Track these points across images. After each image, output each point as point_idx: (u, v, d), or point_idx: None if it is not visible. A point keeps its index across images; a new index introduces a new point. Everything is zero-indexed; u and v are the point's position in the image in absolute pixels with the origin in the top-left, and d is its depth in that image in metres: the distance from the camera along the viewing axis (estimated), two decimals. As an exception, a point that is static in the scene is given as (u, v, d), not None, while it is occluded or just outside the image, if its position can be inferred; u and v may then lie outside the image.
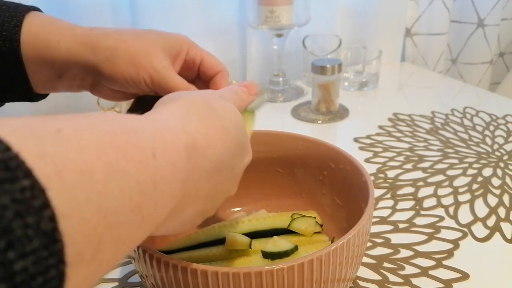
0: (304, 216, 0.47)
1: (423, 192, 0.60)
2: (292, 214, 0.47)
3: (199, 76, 0.45)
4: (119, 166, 0.19)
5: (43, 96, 0.44)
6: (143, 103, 0.42)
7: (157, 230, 0.26)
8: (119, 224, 0.18)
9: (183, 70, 0.43)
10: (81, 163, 0.17)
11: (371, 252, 0.49)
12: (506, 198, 0.58)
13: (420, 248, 0.49)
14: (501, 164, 0.66)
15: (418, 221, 0.54)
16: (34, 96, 0.42)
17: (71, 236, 0.15)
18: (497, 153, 0.69)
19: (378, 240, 0.51)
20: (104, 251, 0.18)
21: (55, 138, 0.17)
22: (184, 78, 0.43)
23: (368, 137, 0.76)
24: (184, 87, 0.40)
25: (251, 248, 0.42)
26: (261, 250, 0.41)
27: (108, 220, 0.17)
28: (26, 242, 0.14)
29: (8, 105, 0.43)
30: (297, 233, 0.45)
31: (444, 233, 0.52)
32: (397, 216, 0.55)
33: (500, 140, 0.73)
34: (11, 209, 0.14)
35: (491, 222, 0.54)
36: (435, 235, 0.51)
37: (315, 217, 0.47)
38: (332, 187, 0.49)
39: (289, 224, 0.45)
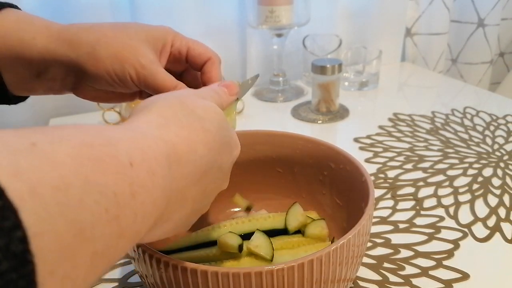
0: (314, 220, 0.46)
1: (423, 192, 0.60)
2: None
3: (189, 68, 0.43)
4: (95, 179, 0.18)
5: (21, 99, 0.42)
6: None
7: (146, 237, 0.25)
8: (95, 238, 0.18)
9: (171, 63, 0.41)
10: (56, 178, 0.17)
11: (371, 252, 0.49)
12: (506, 198, 0.58)
13: (420, 248, 0.49)
14: (502, 164, 0.66)
15: (418, 221, 0.54)
16: (10, 98, 0.40)
17: (43, 255, 0.15)
18: (497, 153, 0.69)
19: (378, 240, 0.51)
20: (79, 267, 0.17)
21: (30, 153, 0.16)
22: (172, 71, 0.41)
23: (368, 137, 0.76)
24: (172, 84, 0.38)
25: (240, 252, 0.41)
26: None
27: (83, 235, 0.17)
28: None
29: (7, 109, 0.42)
30: (297, 233, 0.45)
31: (444, 233, 0.52)
32: (397, 216, 0.55)
33: (500, 140, 0.73)
34: None
35: (491, 222, 0.53)
36: (435, 235, 0.51)
37: (324, 219, 0.47)
38: (332, 187, 0.48)
39: (304, 232, 0.45)
